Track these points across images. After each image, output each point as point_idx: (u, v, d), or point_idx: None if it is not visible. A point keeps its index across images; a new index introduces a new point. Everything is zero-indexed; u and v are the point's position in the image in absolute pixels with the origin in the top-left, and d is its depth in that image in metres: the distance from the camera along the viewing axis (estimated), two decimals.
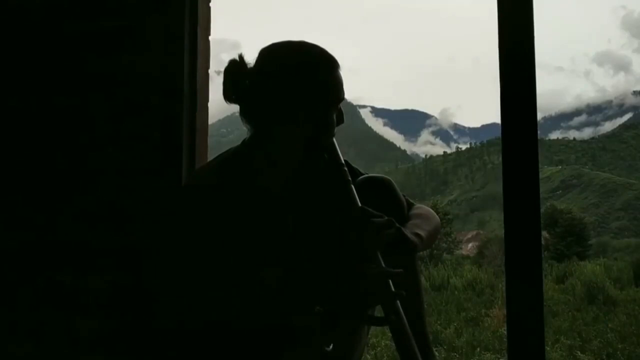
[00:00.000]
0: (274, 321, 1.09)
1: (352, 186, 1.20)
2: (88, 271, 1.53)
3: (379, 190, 1.28)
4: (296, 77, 1.15)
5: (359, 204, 1.17)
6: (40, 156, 1.59)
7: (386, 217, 1.15)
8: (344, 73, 1.24)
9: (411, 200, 1.37)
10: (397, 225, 1.16)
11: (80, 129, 1.57)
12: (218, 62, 1.23)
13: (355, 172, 1.32)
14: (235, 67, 1.19)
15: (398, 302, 1.09)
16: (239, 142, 1.26)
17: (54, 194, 1.57)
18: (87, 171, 1.56)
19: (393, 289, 1.07)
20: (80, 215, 1.55)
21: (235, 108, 1.22)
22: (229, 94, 1.19)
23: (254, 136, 1.21)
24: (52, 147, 1.59)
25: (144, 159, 1.53)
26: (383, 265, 1.11)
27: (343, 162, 1.24)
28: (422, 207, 1.36)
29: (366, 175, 1.32)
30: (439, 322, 8.18)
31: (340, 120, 1.23)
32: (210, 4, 1.64)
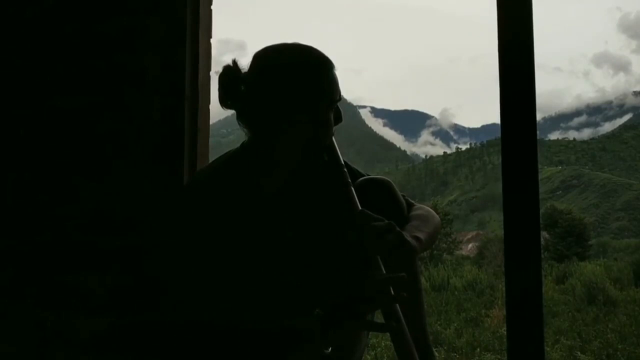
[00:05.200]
0: (274, 323, 1.08)
1: (352, 188, 1.20)
2: (88, 271, 1.54)
3: (379, 192, 1.27)
4: (290, 80, 1.14)
5: (359, 207, 1.16)
6: (40, 156, 1.59)
7: (386, 221, 1.13)
8: (344, 73, 1.24)
9: (411, 201, 1.37)
10: (397, 229, 1.14)
11: (81, 129, 1.58)
12: (222, 63, 1.23)
13: (354, 173, 1.31)
14: (230, 73, 1.18)
15: (398, 307, 1.07)
16: (239, 143, 1.26)
17: (54, 194, 1.58)
18: (87, 171, 1.56)
19: (393, 294, 1.05)
20: (81, 215, 1.56)
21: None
22: (225, 100, 1.19)
23: (251, 139, 1.21)
24: (52, 147, 1.59)
25: (145, 159, 1.54)
26: (383, 269, 1.09)
27: (343, 163, 1.23)
28: (422, 208, 1.35)
29: (366, 177, 1.31)
30: (439, 322, 8.18)
31: (339, 119, 1.22)
32: (215, 5, 1.65)
